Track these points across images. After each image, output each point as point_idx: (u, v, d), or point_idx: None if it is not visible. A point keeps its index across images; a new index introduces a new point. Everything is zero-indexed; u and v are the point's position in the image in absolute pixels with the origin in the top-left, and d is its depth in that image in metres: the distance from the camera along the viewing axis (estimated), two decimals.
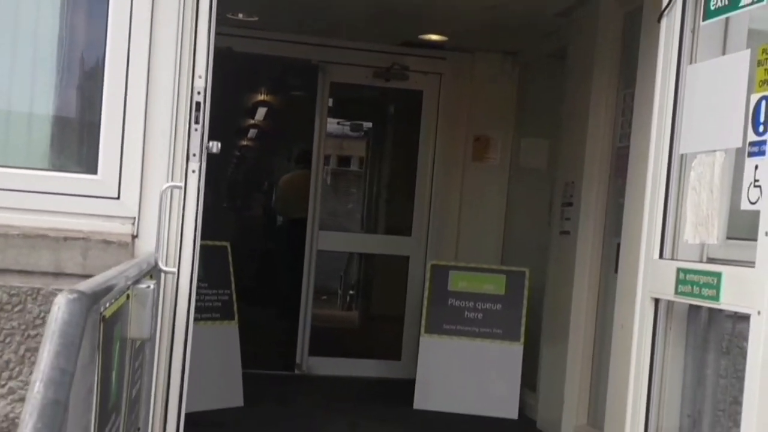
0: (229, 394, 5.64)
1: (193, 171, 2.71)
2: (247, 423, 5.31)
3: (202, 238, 6.56)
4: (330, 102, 8.80)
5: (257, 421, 5.37)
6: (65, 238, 3.30)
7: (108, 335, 1.82)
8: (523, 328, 6.07)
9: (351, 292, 11.59)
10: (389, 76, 7.20)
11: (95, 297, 1.50)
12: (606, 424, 4.50)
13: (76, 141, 3.47)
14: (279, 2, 6.25)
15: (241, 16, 6.61)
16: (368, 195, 9.99)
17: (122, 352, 2.13)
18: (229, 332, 5.74)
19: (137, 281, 2.31)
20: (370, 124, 10.59)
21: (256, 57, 7.23)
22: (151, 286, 2.27)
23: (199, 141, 2.69)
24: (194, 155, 2.71)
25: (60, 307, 1.32)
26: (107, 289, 1.71)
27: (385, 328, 7.99)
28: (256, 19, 6.68)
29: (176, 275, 2.75)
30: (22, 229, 3.26)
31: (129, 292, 2.22)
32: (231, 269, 5.85)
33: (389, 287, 8.34)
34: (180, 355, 2.80)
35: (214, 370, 5.58)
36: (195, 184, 2.72)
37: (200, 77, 2.70)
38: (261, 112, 11.12)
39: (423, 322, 6.21)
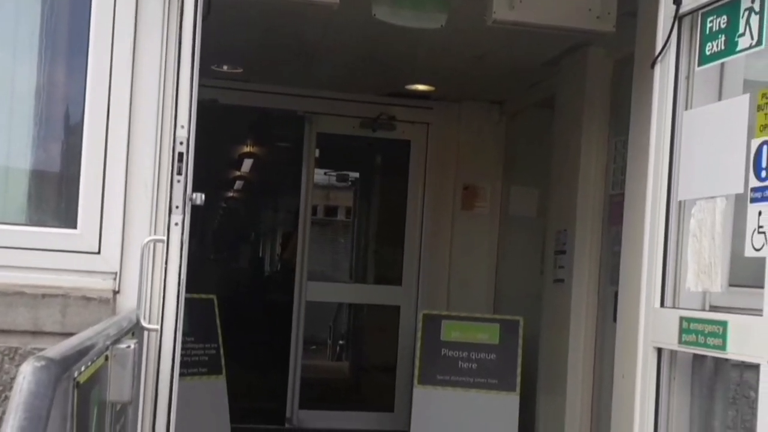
0: None
1: (176, 224, 2.60)
2: None
3: (188, 290, 6.43)
4: (317, 153, 8.75)
5: None
6: (43, 295, 3.17)
7: (83, 401, 1.69)
8: (518, 378, 5.94)
9: (341, 342, 11.44)
10: (376, 126, 7.15)
11: (67, 362, 1.38)
12: None
13: (54, 195, 3.36)
14: (264, 55, 6.21)
15: (225, 68, 6.56)
16: (357, 245, 9.88)
17: (101, 417, 2.00)
18: (216, 387, 5.59)
19: (117, 341, 2.19)
20: (357, 174, 10.52)
21: (242, 109, 7.16)
22: (132, 346, 2.15)
23: (182, 192, 2.59)
24: (177, 207, 2.61)
25: (26, 377, 1.21)
26: (82, 352, 1.59)
27: (376, 379, 7.84)
28: (240, 71, 6.63)
29: (159, 333, 2.63)
30: None
31: (108, 352, 2.10)
32: (218, 322, 5.71)
33: (380, 337, 8.21)
34: (164, 417, 2.66)
35: (202, 427, 5.41)
36: (178, 237, 2.61)
37: (182, 127, 2.61)
38: (247, 163, 11.05)
39: (416, 372, 6.06)
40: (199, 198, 2.72)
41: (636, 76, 4.10)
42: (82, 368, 1.72)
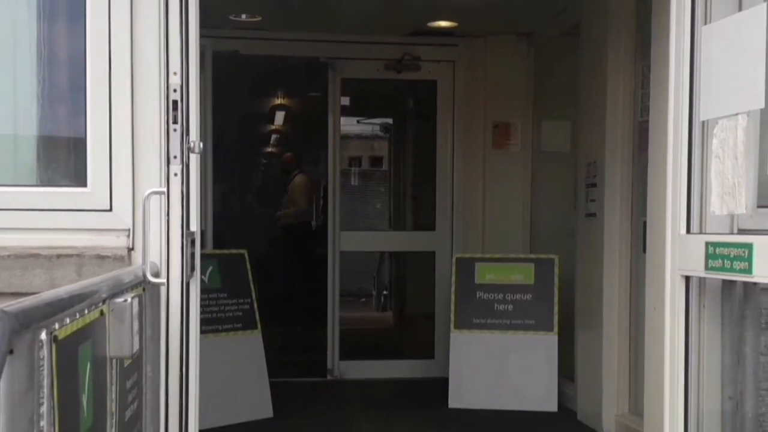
0: (258, 405, 5.49)
1: (175, 174, 2.54)
2: None
3: (226, 246, 6.40)
4: (348, 101, 8.65)
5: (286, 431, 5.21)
6: (58, 256, 3.16)
7: (68, 355, 1.66)
8: (556, 317, 5.85)
9: (384, 292, 11.43)
10: (401, 68, 7.01)
11: (29, 316, 1.34)
12: (645, 411, 4.28)
13: (63, 154, 3.33)
14: (281, 1, 6.10)
15: (244, 17, 6.46)
16: (387, 191, 9.81)
17: (99, 372, 1.97)
18: (252, 342, 5.59)
19: (115, 295, 2.15)
20: (387, 120, 10.41)
21: (264, 58, 7.07)
22: (128, 300, 2.11)
23: (179, 142, 2.53)
24: (175, 157, 2.55)
25: None
26: (57, 306, 1.55)
27: (417, 327, 7.82)
28: (259, 19, 6.52)
29: (166, 286, 2.60)
30: (13, 250, 3.13)
31: (104, 307, 2.06)
32: (250, 277, 5.69)
33: (420, 285, 8.16)
34: (176, 372, 2.63)
35: (240, 382, 5.44)
36: (178, 188, 2.56)
37: (175, 74, 2.54)
38: (274, 114, 10.98)
39: (452, 317, 6.01)
40: (197, 146, 2.65)
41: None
42: (67, 321, 1.69)
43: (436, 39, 6.93)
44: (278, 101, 10.16)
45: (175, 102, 2.52)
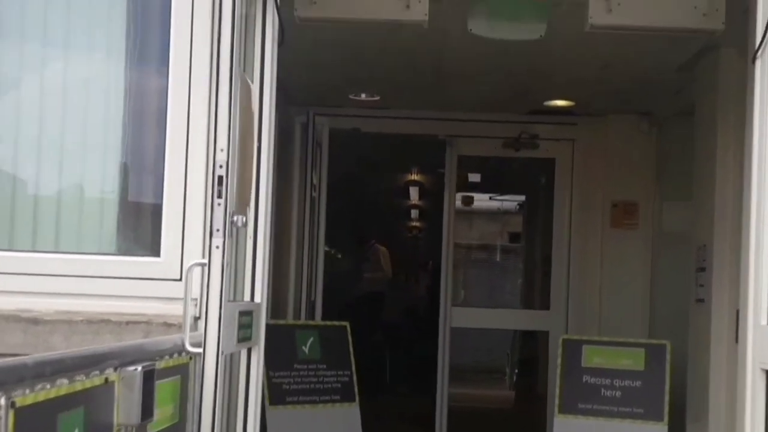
0: None
1: (217, 247, 2.62)
2: None
3: (330, 318, 6.44)
4: (478, 177, 8.68)
5: None
6: (127, 323, 3.31)
7: (35, 421, 1.72)
8: (666, 407, 5.54)
9: (516, 371, 11.24)
10: (519, 146, 6.97)
11: None
12: None
13: (139, 224, 3.51)
14: (400, 81, 6.24)
15: (363, 96, 6.64)
16: (503, 268, 9.69)
17: None
18: (350, 415, 5.58)
19: (132, 362, 2.22)
20: (516, 198, 10.33)
21: (384, 136, 7.21)
22: (138, 369, 2.17)
23: (222, 216, 2.61)
24: (217, 230, 2.63)
25: None
26: (15, 374, 1.61)
27: (533, 408, 7.59)
28: (378, 98, 6.68)
29: (202, 356, 2.65)
30: (86, 315, 3.30)
31: (115, 375, 2.13)
32: (351, 349, 5.72)
33: (545, 365, 7.96)
34: None
35: None
36: (219, 260, 2.63)
37: (222, 150, 2.64)
38: (396, 188, 11.13)
39: (557, 401, 5.80)
40: (240, 221, 2.73)
41: (749, 76, 3.75)
42: (39, 388, 1.75)
43: (555, 118, 6.88)
44: (401, 177, 10.30)
45: (220, 177, 2.61)
